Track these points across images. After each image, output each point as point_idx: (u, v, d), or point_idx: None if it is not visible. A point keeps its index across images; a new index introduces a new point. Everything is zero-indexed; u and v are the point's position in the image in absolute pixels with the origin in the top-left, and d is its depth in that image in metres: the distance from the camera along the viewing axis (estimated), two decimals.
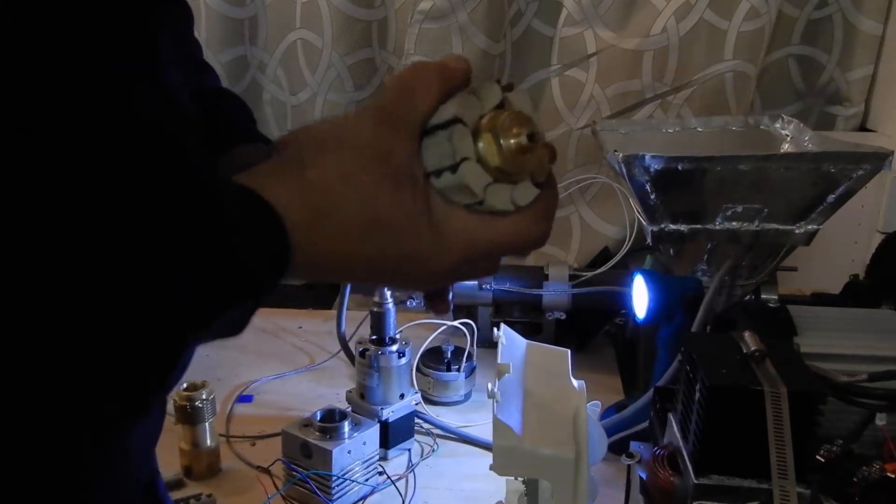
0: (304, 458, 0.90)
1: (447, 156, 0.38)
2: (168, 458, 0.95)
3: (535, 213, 0.40)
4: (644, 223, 0.97)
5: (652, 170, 0.89)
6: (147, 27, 0.43)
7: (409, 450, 1.02)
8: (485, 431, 1.04)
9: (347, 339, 1.21)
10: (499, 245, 0.40)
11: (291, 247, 0.35)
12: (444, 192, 0.38)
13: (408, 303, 1.24)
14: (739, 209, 0.92)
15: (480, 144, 0.38)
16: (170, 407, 0.94)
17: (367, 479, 0.93)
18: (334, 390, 1.16)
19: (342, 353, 1.24)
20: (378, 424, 0.95)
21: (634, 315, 1.04)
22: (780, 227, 0.93)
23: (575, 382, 0.67)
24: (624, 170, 0.90)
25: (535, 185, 0.40)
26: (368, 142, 0.37)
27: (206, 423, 0.94)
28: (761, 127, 1.16)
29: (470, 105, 0.38)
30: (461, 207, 0.39)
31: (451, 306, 1.20)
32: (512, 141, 0.38)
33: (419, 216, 0.37)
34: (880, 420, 0.77)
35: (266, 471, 0.94)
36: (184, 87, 0.49)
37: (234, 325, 0.36)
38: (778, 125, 1.15)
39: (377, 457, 0.94)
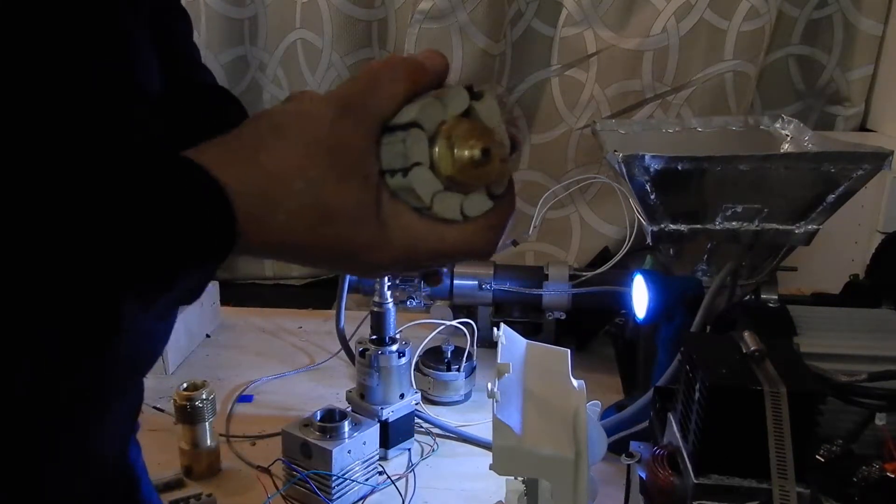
0: (304, 458, 0.90)
1: (400, 158, 0.37)
2: (168, 458, 0.95)
3: (483, 224, 0.40)
4: (644, 223, 0.97)
5: (652, 170, 0.89)
6: (119, 27, 0.43)
7: (409, 450, 1.02)
8: (485, 431, 1.04)
9: (347, 338, 1.21)
10: (441, 252, 0.39)
11: (236, 221, 0.35)
12: (395, 192, 0.38)
13: (408, 303, 1.24)
14: (739, 209, 0.92)
15: (435, 151, 0.37)
16: (170, 407, 0.94)
17: (367, 479, 0.93)
18: (334, 390, 1.16)
19: (342, 353, 1.24)
20: (378, 424, 0.95)
21: (634, 315, 1.04)
22: (780, 227, 0.93)
23: (575, 382, 0.67)
24: (624, 170, 0.90)
25: (492, 196, 0.39)
26: (326, 134, 0.37)
27: (206, 423, 0.94)
28: (761, 127, 1.16)
29: (432, 110, 0.38)
30: (410, 209, 0.38)
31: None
32: (466, 153, 0.37)
33: (365, 210, 0.38)
34: (880, 420, 0.77)
35: (266, 471, 0.94)
36: (167, 86, 0.49)
37: (188, 293, 0.37)
38: (778, 125, 1.15)
39: (377, 456, 0.94)
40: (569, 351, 0.72)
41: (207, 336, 1.32)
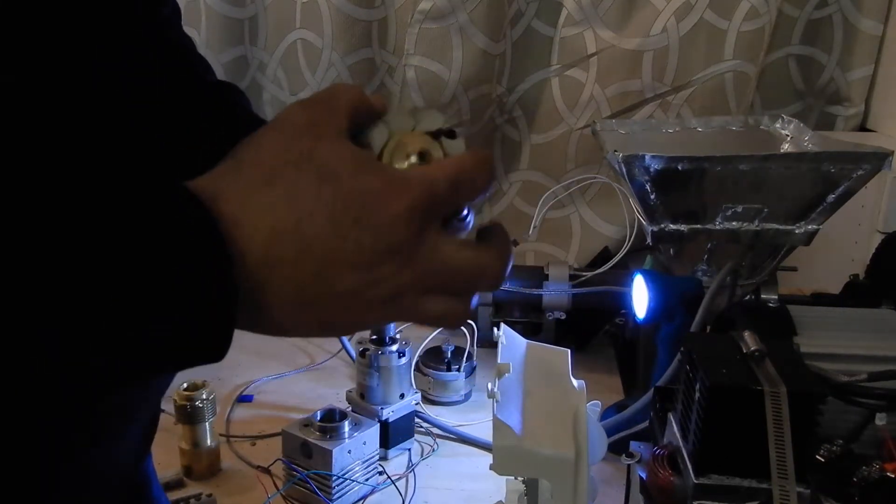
0: (305, 458, 0.90)
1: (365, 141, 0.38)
2: (168, 458, 0.95)
3: (496, 252, 0.39)
4: (644, 223, 0.97)
5: (652, 170, 0.89)
6: (117, 25, 0.43)
7: (409, 450, 1.02)
8: (485, 431, 1.04)
9: (348, 338, 1.21)
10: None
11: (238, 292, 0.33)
12: None
13: None
14: (739, 209, 0.92)
15: (385, 152, 0.38)
16: (170, 407, 0.94)
17: (367, 479, 0.93)
18: (334, 390, 1.16)
19: (342, 353, 1.24)
20: (378, 424, 0.95)
21: (634, 315, 1.04)
22: (780, 227, 0.93)
23: (575, 382, 0.67)
24: (624, 170, 0.90)
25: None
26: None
27: (206, 423, 0.94)
28: (761, 127, 1.16)
29: (402, 118, 0.39)
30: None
31: None
32: (405, 163, 0.38)
33: (364, 160, 0.37)
34: (880, 420, 0.77)
35: (266, 471, 0.94)
36: (168, 84, 0.49)
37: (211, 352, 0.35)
38: (778, 125, 1.15)
39: (377, 456, 0.94)
40: (569, 351, 0.72)
41: None
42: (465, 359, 1.13)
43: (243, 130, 0.55)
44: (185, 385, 0.95)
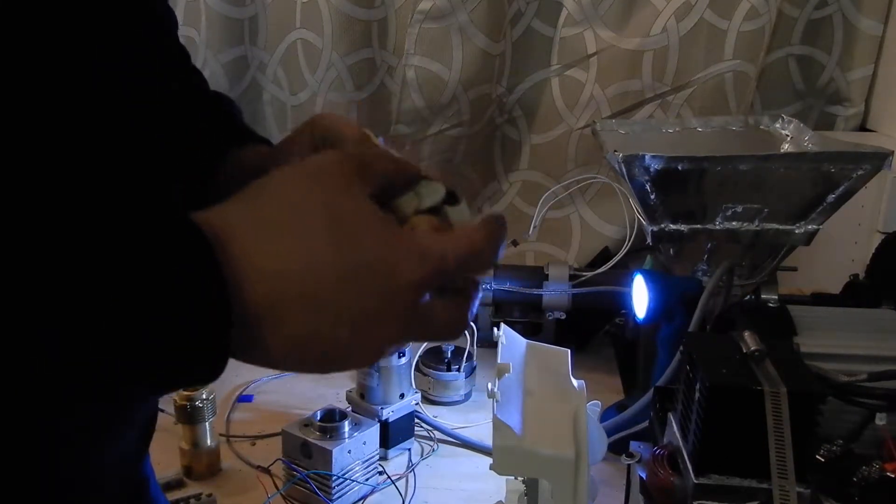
0: (305, 458, 0.90)
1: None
2: (168, 458, 0.95)
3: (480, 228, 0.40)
4: (644, 223, 0.97)
5: (652, 170, 0.89)
6: (116, 30, 0.43)
7: (409, 449, 1.02)
8: (485, 431, 1.04)
9: None
10: (462, 252, 0.39)
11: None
12: None
13: None
14: (739, 209, 0.92)
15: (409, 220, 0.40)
16: (170, 407, 0.94)
17: (367, 479, 0.93)
18: (334, 390, 1.16)
19: None
20: (378, 424, 0.95)
21: (634, 315, 1.04)
22: (780, 227, 0.93)
23: (575, 382, 0.67)
24: (624, 170, 0.90)
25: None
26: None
27: (206, 423, 0.94)
28: (761, 127, 1.16)
29: (409, 200, 0.40)
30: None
31: None
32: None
33: (387, 224, 0.37)
34: (880, 420, 0.77)
35: (266, 470, 0.94)
36: (160, 91, 0.49)
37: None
38: (778, 125, 1.15)
39: (377, 456, 0.94)
40: (569, 351, 0.72)
41: None
42: (465, 359, 1.13)
43: (239, 138, 0.55)
44: None
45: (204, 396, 0.93)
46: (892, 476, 0.70)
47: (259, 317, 0.34)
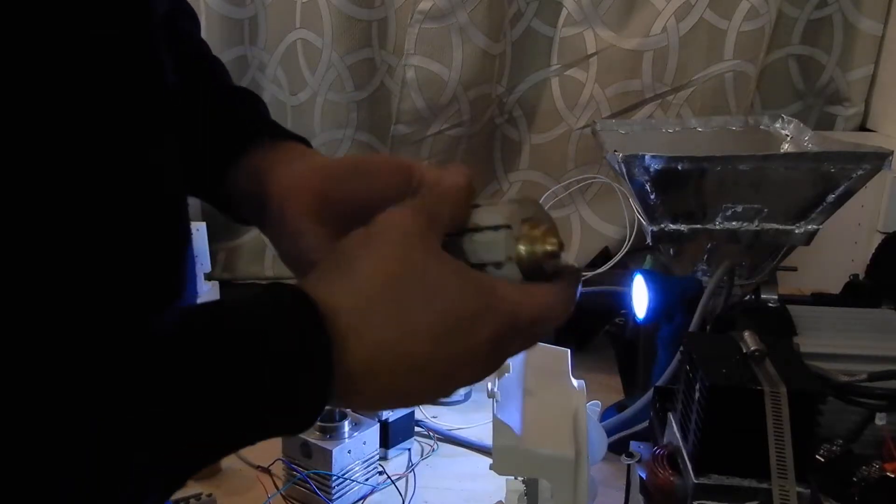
0: (304, 458, 0.90)
1: (497, 253, 0.42)
2: None
3: (563, 285, 0.43)
4: (644, 223, 0.97)
5: (652, 170, 0.89)
6: (144, 29, 0.43)
7: (409, 449, 1.02)
8: (485, 431, 1.04)
9: None
10: (536, 312, 0.42)
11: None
12: None
13: None
14: (739, 209, 0.92)
15: (521, 248, 0.42)
16: None
17: (367, 479, 0.93)
18: None
19: None
20: (378, 424, 0.95)
21: (634, 315, 1.04)
22: (780, 227, 0.93)
23: (575, 382, 0.67)
24: (624, 170, 0.90)
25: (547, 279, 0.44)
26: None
27: None
28: (761, 127, 1.16)
29: (514, 214, 0.43)
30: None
31: None
32: (548, 248, 0.42)
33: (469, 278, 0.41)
34: (880, 420, 0.77)
35: (266, 470, 0.94)
36: (187, 88, 0.49)
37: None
38: (778, 125, 1.15)
39: (377, 456, 0.94)
40: (569, 351, 0.72)
41: None
42: None
43: (268, 135, 0.55)
44: None
45: None
46: (892, 476, 0.70)
47: (358, 374, 0.38)
